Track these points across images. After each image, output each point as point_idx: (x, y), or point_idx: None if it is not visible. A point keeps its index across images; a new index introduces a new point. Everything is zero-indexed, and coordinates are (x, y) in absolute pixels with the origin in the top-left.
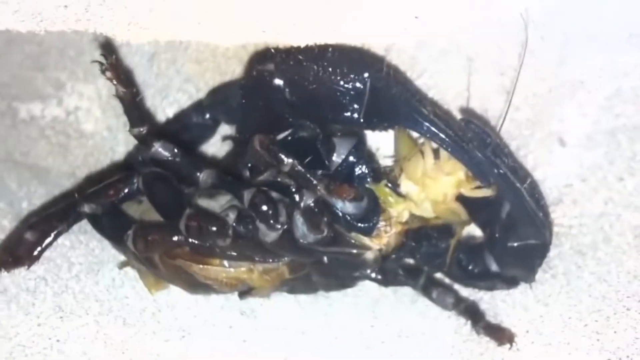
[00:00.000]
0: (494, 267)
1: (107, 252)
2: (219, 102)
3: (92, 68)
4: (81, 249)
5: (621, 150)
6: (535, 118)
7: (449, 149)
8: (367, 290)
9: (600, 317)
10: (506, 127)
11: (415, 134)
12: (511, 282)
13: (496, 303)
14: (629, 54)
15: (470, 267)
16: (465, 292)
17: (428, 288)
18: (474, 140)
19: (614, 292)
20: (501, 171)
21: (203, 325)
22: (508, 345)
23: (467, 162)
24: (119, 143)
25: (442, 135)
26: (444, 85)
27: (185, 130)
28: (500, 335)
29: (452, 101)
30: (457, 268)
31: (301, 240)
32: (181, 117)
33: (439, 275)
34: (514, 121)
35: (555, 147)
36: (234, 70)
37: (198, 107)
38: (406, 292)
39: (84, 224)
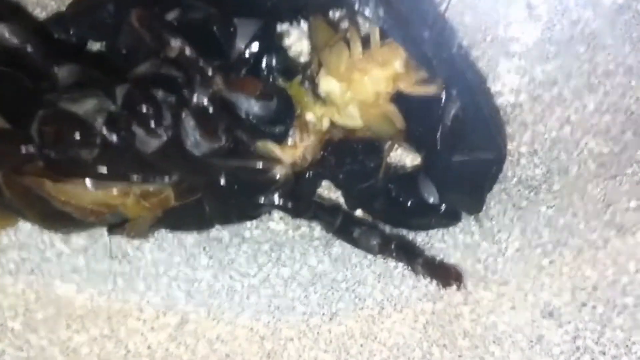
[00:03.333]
0: (431, 197)
1: None
2: (87, 10)
3: None
4: None
5: (580, 62)
6: (477, 24)
7: (385, 25)
8: (270, 235)
9: (569, 251)
10: None
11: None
12: (452, 217)
13: (432, 244)
14: None
15: (401, 199)
16: None
17: (347, 228)
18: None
19: (583, 223)
20: (452, 52)
21: (59, 267)
22: (455, 286)
23: (407, 42)
24: None
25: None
26: None
27: None
28: (445, 273)
29: None
30: (384, 202)
31: (192, 151)
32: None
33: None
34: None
35: (500, 59)
36: None
37: (59, 19)
38: (318, 236)
39: None
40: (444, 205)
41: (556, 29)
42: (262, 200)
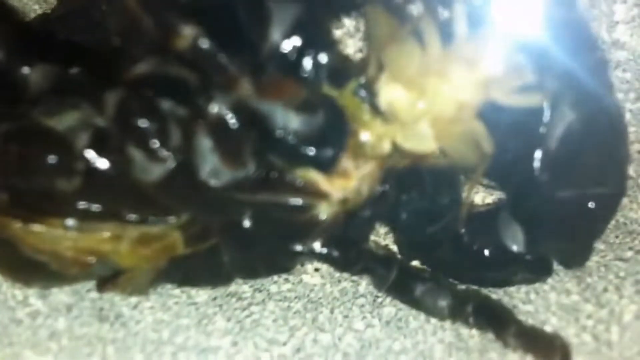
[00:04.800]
0: (515, 244)
1: None
2: (80, 6)
3: None
4: None
5: None
6: None
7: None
8: (302, 290)
9: None
10: None
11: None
12: (540, 270)
13: (514, 305)
14: None
15: (475, 248)
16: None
17: (405, 284)
18: None
19: None
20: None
21: (32, 332)
22: None
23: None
24: None
25: None
26: None
27: None
28: (546, 346)
29: None
30: (451, 249)
31: (208, 182)
32: None
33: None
34: None
35: None
36: None
37: (44, 20)
38: (364, 293)
39: None
40: (530, 254)
41: None
42: (299, 248)
